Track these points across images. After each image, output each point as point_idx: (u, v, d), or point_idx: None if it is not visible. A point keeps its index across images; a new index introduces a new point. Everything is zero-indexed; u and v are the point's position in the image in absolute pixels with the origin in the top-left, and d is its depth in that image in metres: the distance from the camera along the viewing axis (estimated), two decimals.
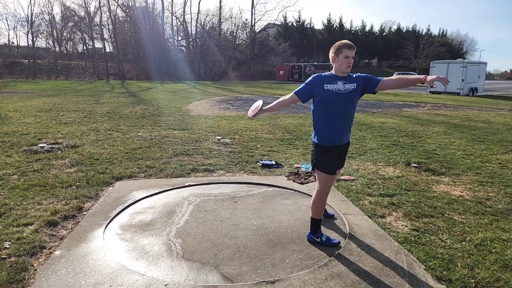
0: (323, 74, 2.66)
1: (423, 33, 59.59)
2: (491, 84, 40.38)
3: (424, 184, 4.30)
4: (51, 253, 2.53)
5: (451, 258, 2.57)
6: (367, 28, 61.87)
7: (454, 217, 3.32)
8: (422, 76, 2.54)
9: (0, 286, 2.12)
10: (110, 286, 2.17)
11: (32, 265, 2.37)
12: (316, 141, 2.68)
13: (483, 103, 16.11)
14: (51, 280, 2.21)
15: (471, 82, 22.35)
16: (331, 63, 2.67)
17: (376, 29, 63.29)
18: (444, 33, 64.80)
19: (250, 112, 2.83)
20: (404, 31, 61.67)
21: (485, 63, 25.30)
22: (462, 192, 4.04)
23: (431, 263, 2.50)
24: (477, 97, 20.54)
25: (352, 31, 60.48)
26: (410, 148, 6.33)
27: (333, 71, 2.66)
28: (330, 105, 2.58)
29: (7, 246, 2.57)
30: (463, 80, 21.73)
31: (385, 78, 2.64)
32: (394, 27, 64.84)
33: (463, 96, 21.34)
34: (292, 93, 2.68)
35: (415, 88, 30.27)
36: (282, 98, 2.78)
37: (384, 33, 62.32)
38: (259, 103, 2.84)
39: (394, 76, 2.68)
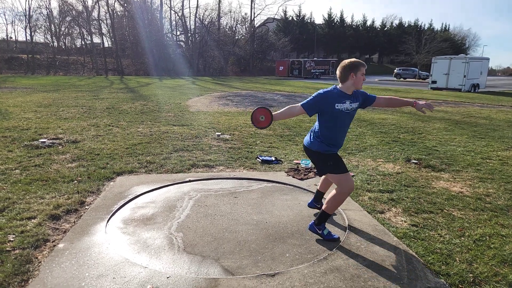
0: (333, 91, 2.64)
1: (425, 28, 59.32)
2: (493, 80, 40.29)
3: (424, 180, 4.32)
4: (54, 246, 2.57)
5: (450, 253, 2.60)
6: (369, 23, 61.64)
7: (453, 213, 3.35)
8: (412, 101, 2.75)
9: (6, 277, 2.15)
10: (114, 278, 2.21)
11: (37, 258, 2.41)
12: (320, 151, 2.72)
13: (485, 100, 16.09)
14: (56, 272, 2.24)
15: (473, 78, 22.26)
16: (343, 79, 2.63)
17: (378, 24, 63.17)
18: (447, 28, 64.54)
19: (259, 122, 2.66)
20: (406, 26, 61.42)
21: (488, 59, 25.16)
22: (461, 188, 4.06)
23: (429, 258, 2.53)
24: (479, 94, 20.49)
25: (353, 26, 60.20)
26: (410, 144, 6.34)
27: (342, 88, 2.64)
28: (337, 122, 2.66)
29: (11, 239, 2.60)
30: (465, 76, 21.63)
31: (379, 97, 2.82)
32: (396, 21, 64.65)
33: (465, 92, 21.27)
34: (299, 105, 2.63)
35: (416, 84, 30.21)
36: (289, 108, 2.70)
37: (386, 28, 62.06)
38: (265, 112, 2.66)
39: (387, 96, 2.86)
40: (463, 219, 3.21)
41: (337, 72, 2.67)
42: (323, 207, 2.78)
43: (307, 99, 2.63)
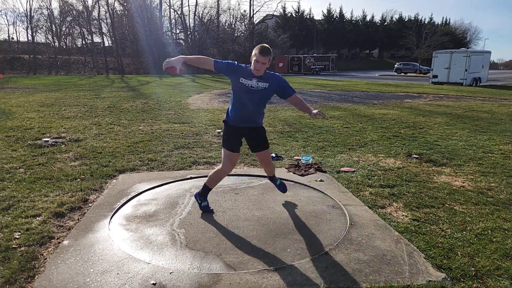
0: (245, 68, 2.85)
1: (426, 22, 58.96)
2: (495, 74, 40.06)
3: (425, 175, 4.33)
4: (59, 243, 2.60)
5: (451, 247, 2.61)
6: (368, 18, 61.31)
7: (455, 207, 3.36)
8: (310, 109, 2.99)
9: (13, 274, 2.18)
10: (118, 273, 2.23)
11: (42, 254, 2.44)
12: (225, 118, 3.06)
13: (487, 93, 16.02)
14: (61, 268, 2.27)
15: (475, 72, 22.14)
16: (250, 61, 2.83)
17: (377, 18, 62.74)
18: (448, 22, 64.13)
19: (168, 64, 2.78)
20: (406, 20, 61.08)
21: (489, 52, 25.01)
22: (463, 182, 4.06)
23: (431, 252, 2.54)
24: (481, 87, 20.40)
25: (353, 21, 59.90)
26: (411, 139, 6.34)
27: (251, 67, 2.82)
28: (241, 95, 2.87)
29: (17, 237, 2.63)
30: (466, 70, 21.52)
31: (295, 96, 3.00)
32: (396, 16, 64.24)
33: (466, 86, 21.17)
34: (213, 60, 2.83)
35: (417, 78, 30.09)
36: (203, 58, 2.90)
37: (386, 23, 61.73)
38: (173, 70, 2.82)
39: (300, 98, 3.07)
40: (464, 213, 3.22)
41: None
42: (206, 181, 3.14)
43: (222, 60, 2.91)
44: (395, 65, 40.97)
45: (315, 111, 2.88)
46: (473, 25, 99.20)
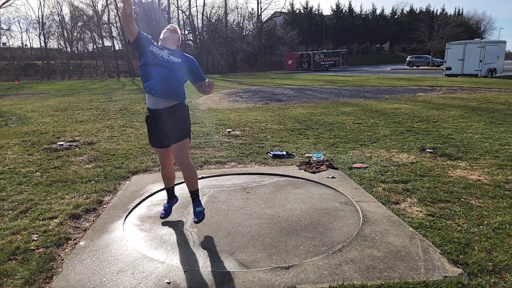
0: (148, 36, 2.78)
1: (438, 14, 57.67)
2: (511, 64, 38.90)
3: (440, 169, 4.24)
4: (76, 244, 2.66)
5: (468, 242, 2.56)
6: (378, 11, 60.36)
7: (471, 202, 3.28)
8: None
9: (32, 275, 2.24)
10: (133, 273, 2.27)
11: (59, 255, 2.50)
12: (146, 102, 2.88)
13: (503, 84, 15.57)
14: (78, 269, 2.33)
15: (490, 63, 21.53)
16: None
17: (388, 12, 61.68)
18: (460, 13, 62.54)
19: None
20: (417, 12, 59.85)
21: (504, 42, 24.27)
22: (479, 176, 3.97)
23: (447, 247, 2.49)
24: (496, 78, 19.84)
25: (362, 15, 59.07)
26: (425, 133, 6.22)
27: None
28: (151, 65, 2.67)
29: (35, 238, 2.71)
30: (481, 61, 20.94)
31: (204, 81, 2.74)
32: (407, 8, 63.06)
33: (481, 77, 20.62)
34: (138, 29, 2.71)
35: (430, 71, 29.48)
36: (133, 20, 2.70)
37: (396, 16, 60.64)
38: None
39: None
40: (481, 208, 3.15)
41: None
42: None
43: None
44: (407, 58, 40.22)
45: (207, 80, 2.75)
46: (487, 15, 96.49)
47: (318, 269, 2.27)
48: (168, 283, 2.16)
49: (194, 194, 2.82)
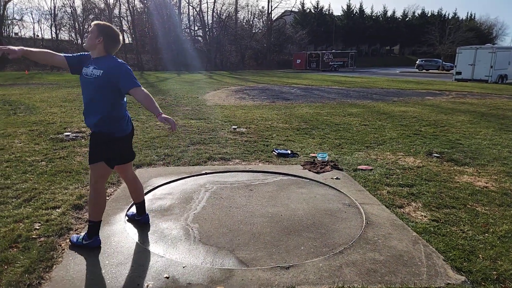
0: (87, 54, 2.46)
1: (450, 18, 56.95)
2: None
3: (446, 174, 4.18)
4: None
5: (473, 250, 2.51)
6: (389, 13, 59.79)
7: (477, 208, 3.22)
8: (158, 112, 2.32)
9: (32, 263, 2.25)
10: (132, 266, 2.27)
11: (60, 245, 2.51)
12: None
13: None
14: (78, 259, 2.33)
15: (501, 69, 21.21)
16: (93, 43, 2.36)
17: (399, 14, 61.06)
18: (472, 17, 61.70)
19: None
20: (428, 15, 59.14)
21: None
22: (487, 183, 3.90)
23: (450, 254, 2.45)
24: (507, 85, 19.54)
25: (373, 17, 58.53)
26: (432, 137, 6.14)
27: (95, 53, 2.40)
28: (82, 87, 2.43)
29: (37, 227, 2.72)
30: (491, 67, 20.66)
31: (139, 88, 2.33)
32: (418, 11, 62.37)
33: (492, 83, 20.32)
34: (63, 55, 2.43)
35: (439, 75, 29.13)
36: (49, 52, 2.43)
37: (407, 18, 59.97)
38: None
39: (146, 93, 2.36)
40: (487, 215, 3.09)
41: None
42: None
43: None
44: (417, 62, 39.80)
45: (164, 116, 2.26)
46: (499, 20, 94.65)
47: (318, 270, 2.24)
48: (167, 277, 2.15)
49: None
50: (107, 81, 2.31)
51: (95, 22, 2.44)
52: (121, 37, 2.47)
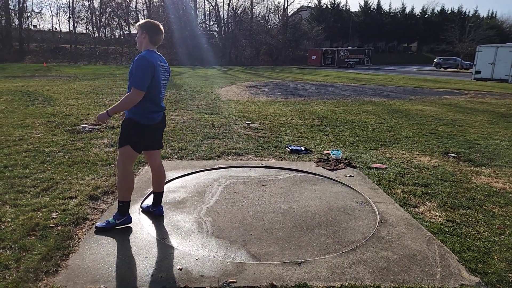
0: (154, 53, 2.55)
1: (470, 15, 55.23)
2: None
3: (463, 174, 4.09)
4: (93, 224, 2.73)
5: (488, 251, 2.46)
6: (408, 10, 58.44)
7: (493, 210, 3.15)
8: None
9: (49, 251, 2.32)
10: (146, 257, 2.32)
11: (77, 234, 2.58)
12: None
13: None
14: (93, 249, 2.40)
15: None
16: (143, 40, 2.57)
17: (417, 11, 59.61)
18: (494, 15, 59.68)
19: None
20: (448, 12, 57.50)
21: None
22: (504, 184, 3.80)
23: (465, 255, 2.41)
24: None
25: (391, 13, 57.33)
26: (449, 137, 6.01)
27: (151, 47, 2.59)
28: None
29: (54, 216, 2.81)
30: None
31: (132, 90, 2.41)
32: (438, 8, 60.83)
33: None
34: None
35: (458, 74, 28.37)
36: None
37: (426, 15, 58.49)
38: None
39: (126, 96, 2.45)
40: (504, 217, 3.02)
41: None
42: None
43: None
44: (435, 60, 38.83)
45: (101, 113, 2.46)
46: None
47: (330, 267, 2.24)
48: (180, 269, 2.19)
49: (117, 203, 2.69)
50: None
51: (137, 24, 2.64)
52: (161, 27, 2.63)
